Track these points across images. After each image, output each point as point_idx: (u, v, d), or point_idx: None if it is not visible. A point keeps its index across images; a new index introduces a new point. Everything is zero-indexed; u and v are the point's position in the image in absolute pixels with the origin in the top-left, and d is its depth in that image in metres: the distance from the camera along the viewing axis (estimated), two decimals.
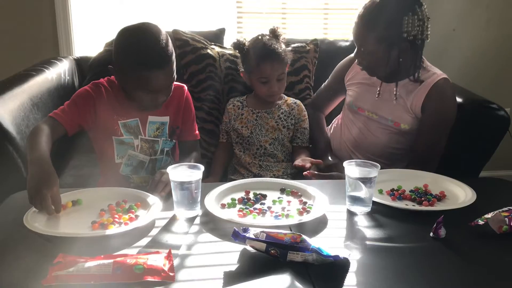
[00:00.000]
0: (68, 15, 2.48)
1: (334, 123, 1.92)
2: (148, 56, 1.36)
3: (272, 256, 0.98)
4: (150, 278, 0.91)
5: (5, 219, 1.18)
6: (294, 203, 1.27)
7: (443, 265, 1.01)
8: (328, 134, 1.91)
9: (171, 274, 0.93)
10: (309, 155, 1.80)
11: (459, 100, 1.68)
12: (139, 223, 1.12)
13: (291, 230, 1.08)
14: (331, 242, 1.08)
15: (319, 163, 1.63)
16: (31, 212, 1.14)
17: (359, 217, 1.21)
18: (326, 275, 0.94)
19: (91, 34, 2.58)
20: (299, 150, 1.84)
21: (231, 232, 1.01)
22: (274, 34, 1.81)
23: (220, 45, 2.14)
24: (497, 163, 2.10)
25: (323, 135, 1.88)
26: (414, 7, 1.51)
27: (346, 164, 1.23)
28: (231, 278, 0.93)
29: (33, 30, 2.48)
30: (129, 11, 2.57)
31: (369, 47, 1.56)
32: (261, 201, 1.27)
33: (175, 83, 1.51)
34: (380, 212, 1.22)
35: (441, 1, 2.58)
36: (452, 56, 2.59)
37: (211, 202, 1.22)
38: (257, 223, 1.12)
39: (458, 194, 1.31)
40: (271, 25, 1.84)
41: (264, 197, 1.29)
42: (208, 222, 1.17)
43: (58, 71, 2.03)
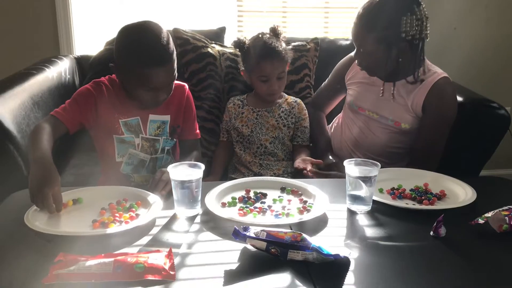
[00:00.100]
0: (68, 13, 2.49)
1: (335, 122, 1.92)
2: (149, 53, 1.36)
3: (273, 255, 0.98)
4: (150, 277, 0.91)
5: (5, 218, 1.19)
6: (295, 202, 1.27)
7: (443, 264, 1.01)
8: (329, 133, 1.91)
9: (172, 272, 0.93)
10: (309, 154, 1.80)
11: (459, 99, 1.68)
12: (140, 222, 1.12)
13: (291, 229, 1.09)
14: (331, 241, 1.08)
15: (320, 163, 1.63)
16: (32, 211, 1.14)
17: (360, 216, 1.21)
18: (327, 274, 0.94)
19: (91, 33, 2.58)
20: (299, 149, 1.84)
21: (231, 230, 1.01)
22: (275, 32, 1.81)
23: (220, 43, 2.14)
24: (497, 162, 2.11)
25: (324, 134, 1.88)
26: (413, 7, 1.50)
27: (346, 163, 1.23)
28: (232, 277, 0.93)
29: (33, 28, 2.48)
30: (129, 10, 2.56)
31: (368, 48, 1.56)
32: (261, 200, 1.27)
33: (176, 82, 1.51)
34: (380, 211, 1.22)
35: (441, 0, 2.58)
36: (453, 55, 2.59)
37: (212, 201, 1.23)
38: (257, 222, 1.12)
39: (459, 193, 1.31)
40: (272, 23, 1.84)
41: (264, 196, 1.29)
42: (208, 220, 1.17)
43: (59, 70, 2.03)
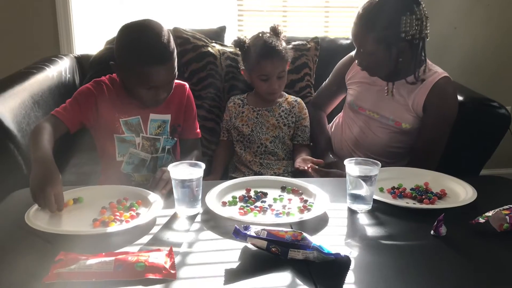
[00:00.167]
0: (68, 13, 2.48)
1: (335, 121, 1.92)
2: (149, 52, 1.36)
3: (273, 254, 0.98)
4: (151, 276, 0.91)
5: (6, 217, 1.19)
6: (295, 201, 1.27)
7: (444, 263, 1.01)
8: (329, 132, 1.91)
9: (172, 271, 0.93)
10: (309, 153, 1.81)
11: (459, 98, 1.68)
12: (140, 221, 1.12)
13: (292, 228, 1.09)
14: (332, 240, 1.08)
15: (320, 162, 1.63)
16: (32, 210, 1.14)
17: (360, 215, 1.21)
18: (327, 273, 0.94)
19: (91, 32, 2.58)
20: (299, 148, 1.84)
21: (232, 230, 1.01)
22: (275, 32, 1.81)
23: (220, 43, 2.14)
24: (497, 161, 2.11)
25: (324, 134, 1.88)
26: (412, 7, 1.50)
27: (347, 162, 1.23)
28: (232, 276, 0.93)
29: (33, 28, 2.48)
30: (129, 9, 2.56)
31: (368, 48, 1.56)
32: (262, 199, 1.27)
33: (177, 81, 1.51)
34: (381, 210, 1.22)
35: (441, 0, 2.58)
36: (453, 54, 2.59)
37: (212, 200, 1.23)
38: (258, 221, 1.12)
39: (459, 192, 1.31)
40: (272, 23, 1.84)
41: (265, 195, 1.29)
42: (209, 220, 1.17)
43: (59, 69, 2.03)
